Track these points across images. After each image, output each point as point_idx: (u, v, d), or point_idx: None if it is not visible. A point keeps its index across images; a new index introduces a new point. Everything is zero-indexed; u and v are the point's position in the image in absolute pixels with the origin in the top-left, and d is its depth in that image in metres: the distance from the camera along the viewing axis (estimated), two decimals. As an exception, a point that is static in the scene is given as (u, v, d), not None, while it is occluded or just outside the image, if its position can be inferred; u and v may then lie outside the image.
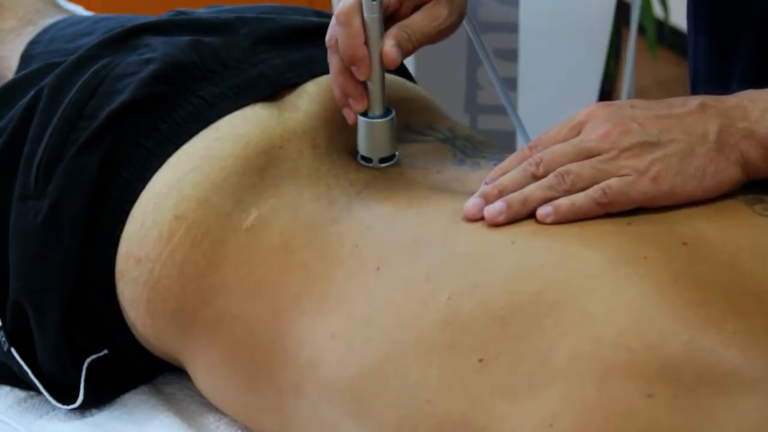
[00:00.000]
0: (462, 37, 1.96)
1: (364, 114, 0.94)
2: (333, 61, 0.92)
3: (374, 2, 0.89)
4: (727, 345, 0.68)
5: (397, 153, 0.96)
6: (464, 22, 0.98)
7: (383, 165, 0.95)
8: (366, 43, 0.90)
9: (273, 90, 1.01)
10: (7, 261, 1.00)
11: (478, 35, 1.03)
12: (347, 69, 0.91)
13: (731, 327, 0.69)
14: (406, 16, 0.92)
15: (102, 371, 1.01)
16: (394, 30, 0.91)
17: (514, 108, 1.09)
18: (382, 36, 0.90)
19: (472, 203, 0.83)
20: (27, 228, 0.98)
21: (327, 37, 0.92)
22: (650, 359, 0.68)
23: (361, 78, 0.91)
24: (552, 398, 0.69)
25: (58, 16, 1.44)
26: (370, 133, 0.94)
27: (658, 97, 0.85)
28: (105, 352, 1.01)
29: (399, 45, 0.90)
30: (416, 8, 0.92)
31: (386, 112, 0.94)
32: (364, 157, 0.96)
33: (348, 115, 0.94)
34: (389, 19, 0.91)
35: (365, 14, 0.89)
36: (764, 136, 0.80)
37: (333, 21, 0.91)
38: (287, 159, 0.96)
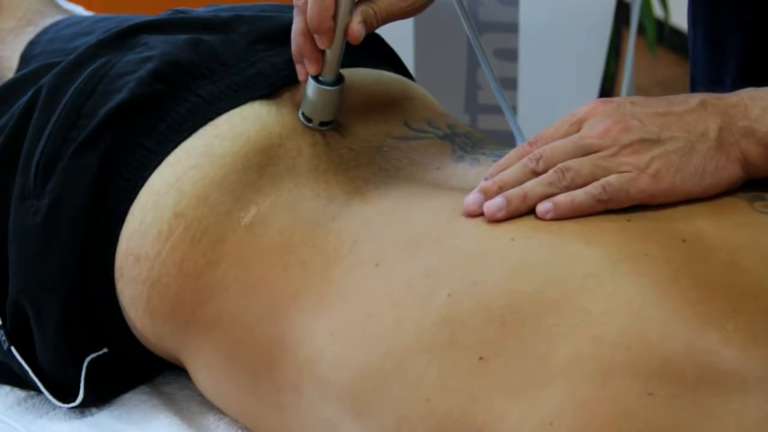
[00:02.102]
0: (462, 37, 1.96)
1: (316, 77, 0.96)
2: (297, 20, 0.94)
3: None
4: (727, 344, 0.68)
5: (336, 119, 0.98)
6: (463, 23, 0.98)
7: (323, 128, 0.97)
8: (334, 15, 0.92)
9: (272, 88, 1.01)
10: (7, 260, 1.00)
11: (477, 36, 1.03)
12: (309, 33, 0.93)
13: (731, 326, 0.69)
14: None
15: (102, 370, 1.01)
16: (361, 6, 0.93)
17: (512, 108, 1.09)
18: (351, 11, 0.92)
19: (471, 199, 0.83)
20: (26, 227, 0.98)
21: None
22: (650, 358, 0.68)
23: (322, 47, 0.94)
24: (552, 397, 0.69)
25: (58, 16, 1.44)
26: (317, 97, 0.96)
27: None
28: (105, 350, 1.01)
29: (364, 21, 0.92)
30: None
31: (337, 81, 0.96)
32: (305, 116, 0.97)
33: (300, 72, 0.97)
34: None
35: None
36: (764, 134, 0.80)
37: None
38: (286, 157, 0.96)
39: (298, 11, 0.94)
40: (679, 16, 2.80)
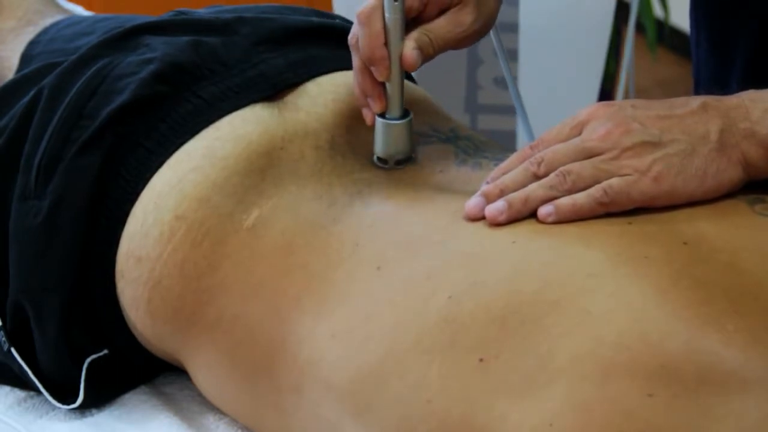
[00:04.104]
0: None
1: (382, 115, 0.93)
2: (354, 60, 0.92)
3: (396, 3, 0.88)
4: (728, 344, 0.68)
5: (413, 155, 0.95)
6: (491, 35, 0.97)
7: (399, 167, 0.95)
8: (386, 44, 0.89)
9: (273, 90, 1.01)
10: (7, 261, 1.00)
11: (497, 34, 1.03)
12: (367, 69, 0.91)
13: (731, 326, 0.69)
14: (430, 20, 0.92)
15: (102, 371, 1.01)
16: (415, 33, 0.90)
17: (512, 108, 1.10)
18: (402, 38, 0.90)
19: (473, 202, 0.83)
20: (27, 228, 0.98)
21: (349, 36, 0.92)
22: (650, 359, 0.68)
23: (380, 79, 0.91)
24: (552, 398, 0.69)
25: (58, 16, 1.44)
26: (387, 134, 0.94)
27: (658, 97, 0.85)
28: (105, 351, 1.01)
29: (420, 48, 0.90)
30: (441, 12, 0.92)
31: (404, 114, 0.94)
32: (380, 158, 0.95)
33: (366, 115, 0.94)
34: (412, 22, 0.91)
35: (386, 14, 0.89)
36: (765, 136, 0.80)
37: (355, 20, 0.90)
38: (288, 160, 0.96)
39: (352, 50, 0.92)
40: (679, 16, 2.80)
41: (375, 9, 0.89)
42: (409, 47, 0.90)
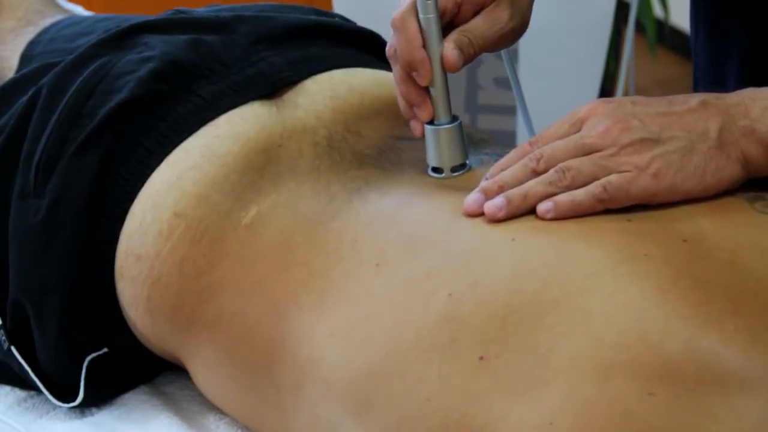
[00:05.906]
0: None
1: (430, 122, 0.91)
2: (394, 70, 0.91)
3: (429, 1, 0.86)
4: (728, 344, 0.68)
5: (468, 161, 0.92)
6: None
7: (455, 174, 0.91)
8: (424, 46, 0.88)
9: (272, 88, 1.01)
10: (7, 260, 1.00)
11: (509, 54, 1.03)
12: (409, 77, 0.90)
13: (731, 326, 0.69)
14: (466, 21, 0.90)
15: (102, 370, 1.01)
16: (453, 34, 0.89)
17: (512, 109, 1.10)
18: (441, 39, 0.88)
19: (472, 199, 0.83)
20: (26, 227, 0.98)
21: (387, 48, 0.91)
22: (651, 358, 0.68)
23: (423, 83, 0.89)
24: (552, 397, 0.69)
25: (58, 16, 1.44)
26: (438, 142, 0.91)
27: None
28: (105, 350, 1.01)
29: (460, 48, 0.88)
30: (476, 13, 0.91)
31: (453, 119, 0.91)
32: (434, 169, 0.92)
33: (415, 127, 0.92)
34: (448, 25, 0.90)
35: (420, 15, 0.87)
36: (765, 134, 0.80)
37: (390, 30, 0.89)
38: (287, 157, 0.96)
39: (392, 61, 0.91)
40: (679, 16, 2.81)
41: (408, 12, 0.88)
42: (449, 47, 0.88)
